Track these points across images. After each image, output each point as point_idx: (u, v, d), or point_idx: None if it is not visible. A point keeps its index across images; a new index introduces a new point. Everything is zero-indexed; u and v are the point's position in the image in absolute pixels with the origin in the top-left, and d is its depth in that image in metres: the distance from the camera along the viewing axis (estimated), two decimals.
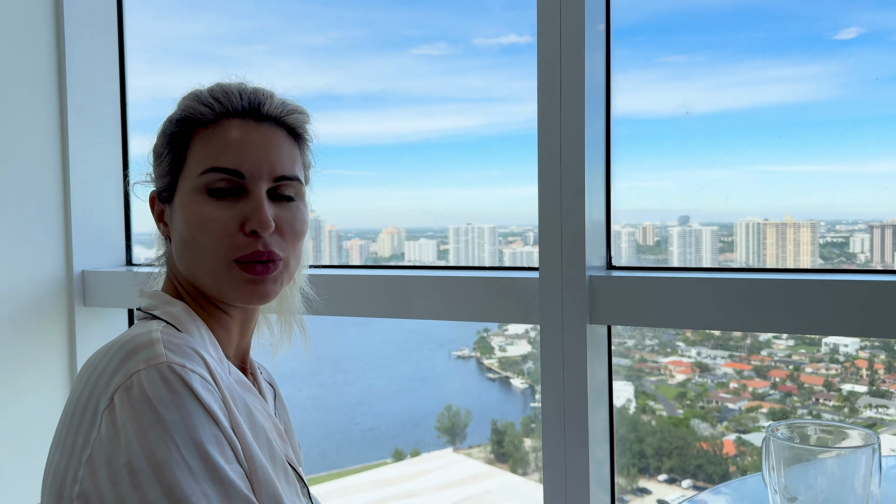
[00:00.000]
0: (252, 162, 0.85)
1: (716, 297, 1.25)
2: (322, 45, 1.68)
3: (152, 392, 0.72)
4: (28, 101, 1.64)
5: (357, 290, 1.52)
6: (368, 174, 1.78)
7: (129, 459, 0.69)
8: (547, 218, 1.34)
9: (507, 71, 1.61)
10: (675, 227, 1.57)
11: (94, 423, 0.73)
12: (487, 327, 1.95)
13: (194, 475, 0.70)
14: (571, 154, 1.31)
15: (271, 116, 0.89)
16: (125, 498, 0.68)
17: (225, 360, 0.87)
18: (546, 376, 1.35)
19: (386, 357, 1.99)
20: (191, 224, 0.85)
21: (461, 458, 1.92)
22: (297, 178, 0.89)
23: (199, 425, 0.72)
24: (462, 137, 1.69)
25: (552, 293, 1.34)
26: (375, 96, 1.69)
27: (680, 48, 1.45)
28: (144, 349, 0.75)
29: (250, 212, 0.84)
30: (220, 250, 0.84)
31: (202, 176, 0.85)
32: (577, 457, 1.33)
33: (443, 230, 1.80)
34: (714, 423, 1.66)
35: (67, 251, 1.71)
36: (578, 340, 1.32)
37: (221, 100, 0.88)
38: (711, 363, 1.67)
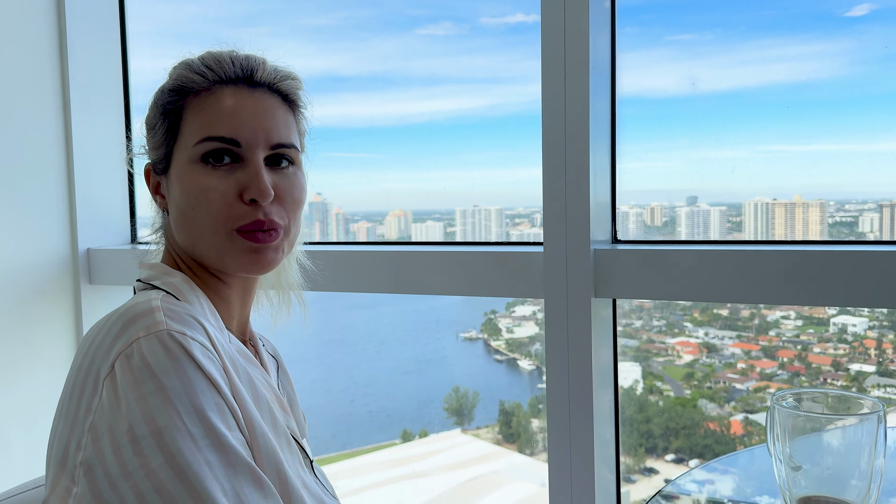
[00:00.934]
0: (248, 129, 0.84)
1: (722, 269, 1.24)
2: (326, 25, 1.66)
3: (152, 359, 0.71)
4: (31, 83, 1.64)
5: (363, 266, 1.52)
6: (374, 156, 1.78)
7: (131, 426, 0.69)
8: (551, 192, 1.33)
9: (513, 51, 1.60)
10: (683, 207, 1.56)
11: (95, 392, 0.73)
12: (495, 309, 1.95)
13: (196, 442, 0.70)
14: (575, 128, 1.30)
15: (264, 83, 0.87)
16: (127, 465, 0.69)
17: (225, 331, 0.87)
18: (551, 351, 1.35)
19: (394, 339, 2.00)
20: (188, 194, 0.84)
21: (469, 439, 1.93)
22: (293, 146, 0.88)
23: (200, 392, 0.72)
24: (469, 118, 1.68)
25: (556, 267, 1.33)
26: (381, 77, 1.68)
27: (688, 26, 1.43)
28: (144, 317, 0.75)
29: (248, 180, 0.84)
30: (220, 220, 0.83)
31: (198, 145, 0.84)
32: (582, 433, 1.33)
33: (450, 212, 1.80)
34: (722, 404, 1.66)
35: (72, 230, 1.73)
36: (583, 314, 1.31)
37: (214, 67, 0.86)
38: (719, 343, 1.66)
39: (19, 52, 1.61)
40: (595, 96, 1.31)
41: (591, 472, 1.33)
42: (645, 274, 1.29)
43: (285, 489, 0.78)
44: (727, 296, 1.26)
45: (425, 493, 1.96)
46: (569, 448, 1.34)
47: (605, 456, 1.37)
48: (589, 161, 1.30)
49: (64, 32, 1.69)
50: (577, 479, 1.34)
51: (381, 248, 1.53)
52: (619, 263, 1.31)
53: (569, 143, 1.31)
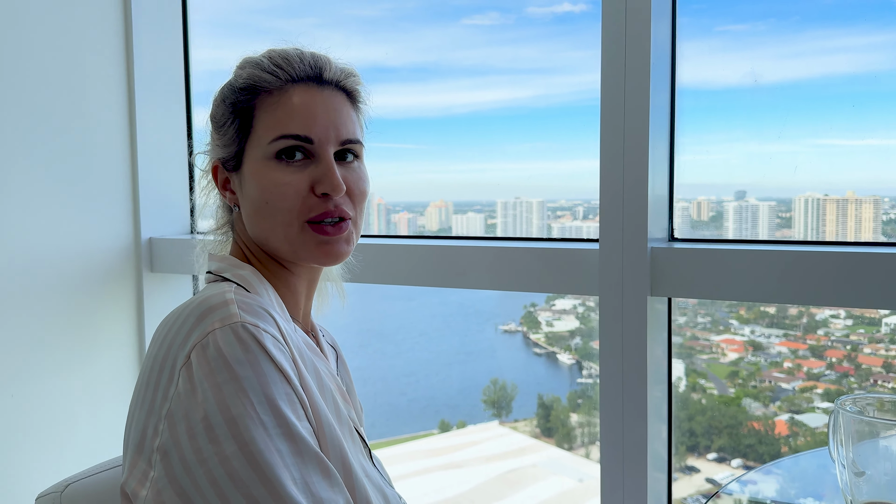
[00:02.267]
0: (320, 127, 0.87)
1: (780, 270, 1.21)
2: (374, 16, 1.67)
3: (227, 350, 0.74)
4: (98, 75, 1.69)
5: (413, 259, 1.52)
6: (417, 147, 1.78)
7: (206, 414, 0.72)
8: (609, 187, 1.31)
9: (560, 41, 1.58)
10: (731, 201, 1.53)
11: (171, 380, 0.76)
12: (535, 302, 1.94)
13: (267, 430, 0.72)
14: (635, 121, 1.27)
15: (331, 81, 0.91)
16: (202, 451, 0.71)
17: (291, 321, 0.89)
18: (605, 349, 1.33)
19: (433, 330, 2.00)
20: (264, 189, 0.87)
21: (507, 431, 1.93)
22: (358, 141, 0.91)
23: (272, 382, 0.74)
24: (513, 110, 1.67)
25: (612, 264, 1.31)
26: (426, 68, 1.68)
27: (742, 16, 1.39)
28: (219, 309, 0.77)
29: (321, 175, 0.87)
30: (293, 213, 0.86)
31: (272, 143, 0.87)
32: (635, 432, 1.31)
33: (491, 204, 1.79)
34: (766, 403, 1.63)
35: (136, 219, 1.78)
36: (639, 313, 1.29)
37: (284, 66, 0.89)
38: (765, 342, 1.63)
39: (87, 43, 1.66)
40: (655, 87, 1.28)
41: (643, 472, 1.31)
42: (702, 273, 1.26)
43: (349, 478, 0.80)
44: (786, 297, 1.22)
45: (462, 484, 1.97)
46: (621, 447, 1.33)
47: (656, 456, 1.36)
48: (648, 156, 1.27)
49: (130, 23, 1.73)
50: (630, 479, 1.32)
51: (432, 243, 1.53)
52: (676, 262, 1.28)
53: (627, 137, 1.28)
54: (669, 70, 1.34)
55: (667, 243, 1.34)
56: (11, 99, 1.51)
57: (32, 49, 1.54)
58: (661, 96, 1.31)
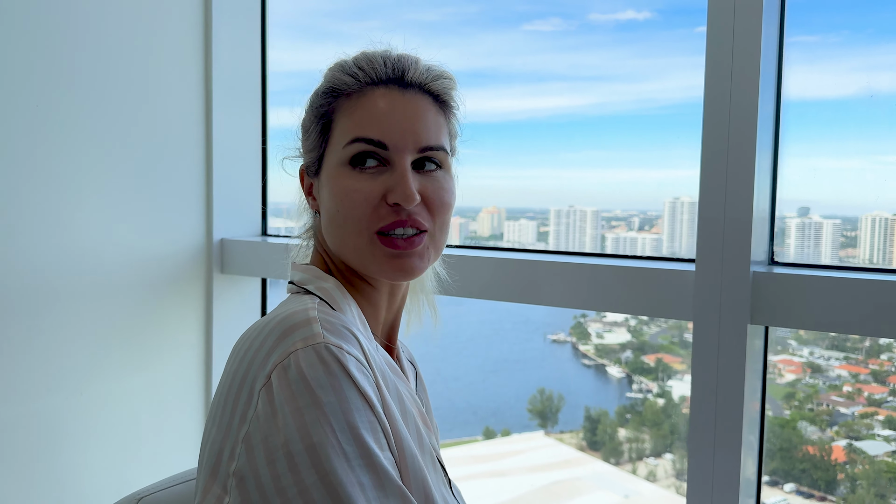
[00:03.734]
0: (397, 132, 0.82)
1: (890, 302, 1.12)
2: (435, 21, 1.68)
3: (310, 373, 0.71)
4: (176, 76, 1.70)
5: (491, 273, 1.46)
6: (472, 152, 1.78)
7: (286, 441, 0.69)
8: (709, 205, 1.22)
9: (623, 48, 1.56)
10: (794, 218, 1.48)
11: (250, 401, 0.72)
12: (585, 313, 1.92)
13: (349, 461, 0.69)
14: (741, 135, 1.19)
15: (416, 83, 0.85)
16: (281, 479, 0.68)
17: (374, 340, 0.85)
18: (698, 378, 1.25)
19: (481, 336, 2.00)
20: (335, 196, 0.83)
21: (552, 443, 1.91)
22: (442, 148, 0.85)
23: (356, 409, 0.71)
24: (570, 117, 1.65)
25: (710, 288, 1.22)
26: (484, 73, 1.68)
27: (815, 28, 1.36)
28: (302, 328, 0.74)
29: (394, 183, 0.81)
30: (363, 222, 0.82)
31: (346, 147, 0.83)
32: (726, 468, 1.23)
33: (544, 211, 1.78)
34: (823, 427, 1.58)
35: (208, 220, 1.78)
36: (738, 341, 1.20)
37: (365, 68, 0.85)
38: (824, 364, 1.58)
39: (167, 44, 1.68)
40: (763, 99, 1.20)
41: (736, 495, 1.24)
42: (806, 302, 1.18)
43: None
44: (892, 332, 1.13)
45: (506, 492, 1.95)
46: (711, 481, 1.25)
47: (746, 492, 1.27)
48: (754, 172, 1.19)
49: (210, 24, 1.74)
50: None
51: (513, 256, 1.47)
52: (778, 288, 1.19)
53: (732, 151, 1.20)
54: (776, 78, 1.26)
55: (767, 267, 1.26)
56: (91, 99, 1.54)
57: (112, 50, 1.57)
58: (768, 106, 1.23)
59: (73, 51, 1.50)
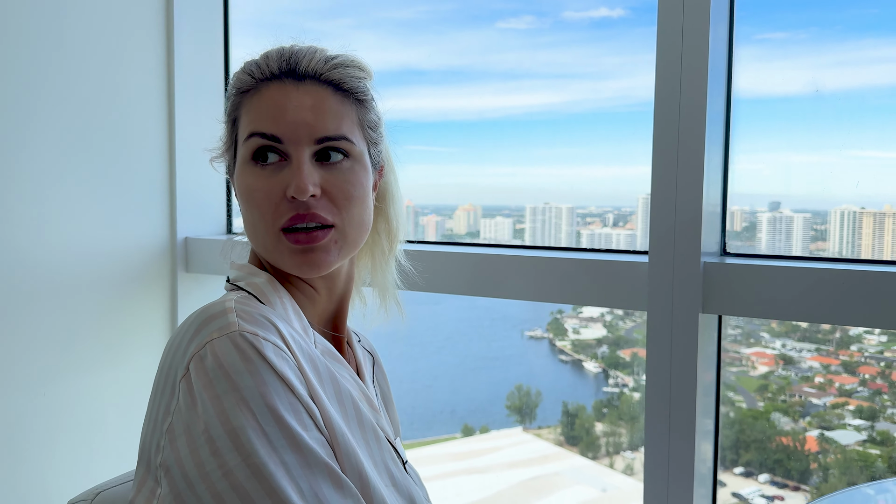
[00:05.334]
0: (288, 124, 0.81)
1: (841, 290, 1.15)
2: (409, 19, 1.67)
3: (226, 360, 0.72)
4: (138, 74, 1.69)
5: (455, 268, 1.48)
6: (447, 150, 1.78)
7: (207, 427, 0.70)
8: (660, 198, 1.25)
9: (596, 46, 1.57)
10: (765, 212, 1.50)
11: (173, 394, 0.74)
12: (562, 309, 1.93)
13: (271, 442, 0.70)
14: (690, 130, 1.22)
15: (310, 74, 0.83)
16: (205, 465, 0.69)
17: (310, 330, 0.86)
18: (652, 366, 1.28)
19: (459, 334, 2.00)
20: (241, 195, 0.84)
21: (530, 438, 1.91)
22: (343, 137, 0.83)
23: (274, 392, 0.72)
24: (545, 114, 1.66)
25: (662, 279, 1.25)
26: (459, 71, 1.68)
27: (781, 25, 1.38)
28: (217, 318, 0.75)
29: (291, 177, 0.80)
30: (267, 221, 0.82)
31: (245, 144, 0.83)
32: (681, 454, 1.26)
33: (519, 209, 1.78)
34: (796, 418, 1.60)
35: (172, 219, 1.78)
36: (689, 330, 1.24)
37: (260, 64, 0.85)
38: (796, 356, 1.60)
39: (128, 42, 1.66)
40: (712, 94, 1.22)
41: (689, 492, 1.26)
42: (757, 291, 1.21)
43: (366, 490, 0.77)
44: (847, 318, 1.16)
45: (485, 489, 1.96)
46: (666, 467, 1.28)
47: (701, 476, 1.31)
48: (703, 165, 1.21)
49: (171, 22, 1.73)
50: (674, 499, 1.28)
51: (473, 251, 1.49)
52: (730, 278, 1.22)
53: (682, 145, 1.23)
54: (726, 76, 1.28)
55: (719, 258, 1.29)
56: (52, 97, 1.52)
57: (73, 47, 1.55)
58: (717, 103, 1.26)
59: (34, 49, 1.47)
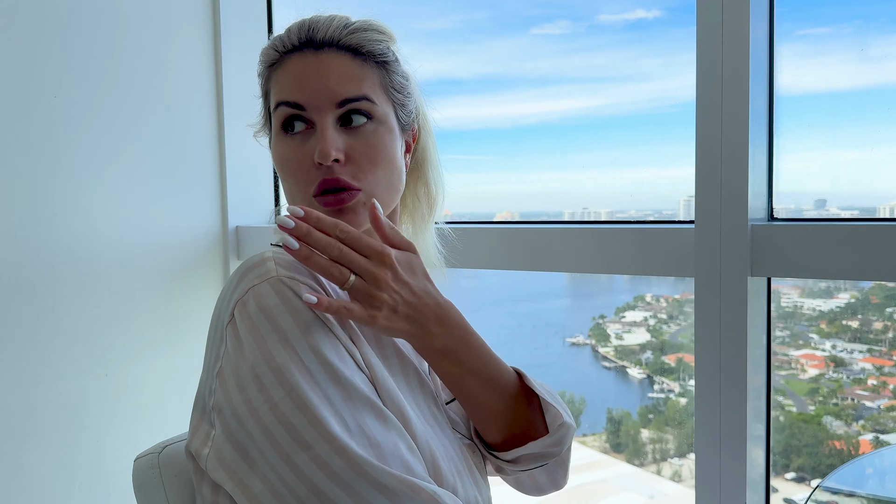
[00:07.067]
0: (309, 91, 0.84)
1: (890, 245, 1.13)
2: (443, 29, 1.68)
3: (267, 303, 0.75)
4: (188, 70, 1.77)
5: (498, 243, 1.49)
6: (484, 158, 1.78)
7: (252, 366, 0.73)
8: (705, 163, 1.25)
9: (633, 48, 1.55)
10: (811, 210, 1.47)
11: (221, 340, 0.78)
12: (603, 314, 1.91)
13: (314, 377, 0.72)
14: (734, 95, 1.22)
15: (328, 42, 0.86)
16: (252, 401, 0.72)
17: None
18: (700, 333, 1.27)
19: (500, 342, 1.99)
20: (276, 165, 0.89)
21: (575, 446, 1.89)
22: (364, 97, 0.85)
23: (315, 331, 0.75)
24: (582, 119, 1.65)
25: (709, 243, 1.25)
26: (494, 79, 1.68)
27: (823, 19, 1.35)
28: (257, 267, 0.79)
29: (316, 143, 0.84)
30: (300, 189, 0.86)
31: (274, 115, 0.88)
32: (733, 420, 1.25)
33: (558, 215, 1.77)
34: (849, 422, 1.56)
35: (223, 208, 1.86)
36: (738, 293, 1.23)
37: (283, 38, 0.89)
38: (848, 357, 1.56)
39: (178, 39, 1.74)
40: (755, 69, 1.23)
41: (742, 458, 1.26)
42: (806, 251, 1.20)
43: (408, 428, 0.78)
44: None
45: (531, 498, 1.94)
46: (718, 434, 1.27)
47: (756, 447, 1.30)
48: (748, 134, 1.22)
49: (218, 21, 1.81)
50: (727, 468, 1.27)
51: (517, 226, 1.51)
52: (777, 240, 1.22)
53: (725, 114, 1.23)
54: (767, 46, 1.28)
55: (766, 222, 1.28)
56: (108, 93, 1.59)
57: (127, 45, 1.63)
58: (760, 79, 1.26)
59: (91, 46, 1.56)
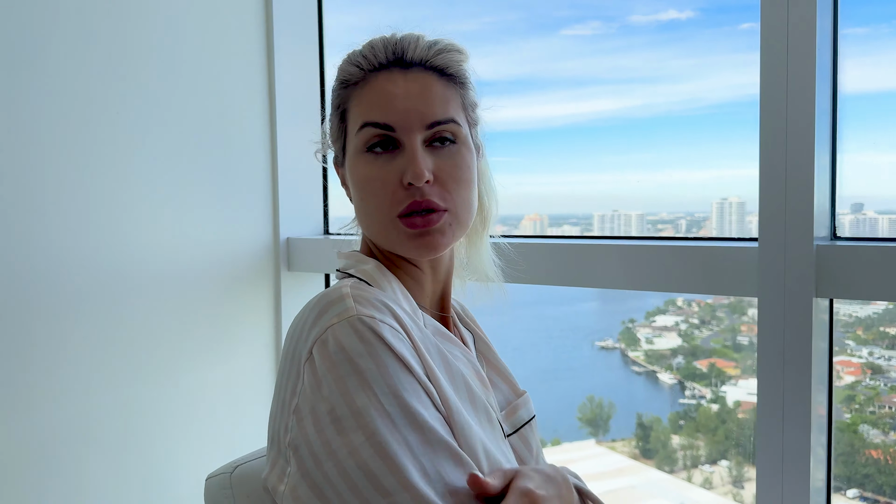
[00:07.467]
0: (399, 112, 0.84)
1: None
2: (473, 31, 1.68)
3: (346, 344, 0.75)
4: (242, 85, 1.81)
5: (551, 258, 1.48)
6: (513, 160, 1.78)
7: (332, 408, 0.73)
8: (770, 182, 1.22)
9: (664, 49, 1.54)
10: (847, 214, 1.45)
11: (298, 376, 0.77)
12: (633, 318, 1.89)
13: (393, 421, 0.72)
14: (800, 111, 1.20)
15: (417, 62, 0.86)
16: (331, 443, 0.72)
17: (419, 311, 0.88)
18: (764, 355, 1.25)
19: (528, 345, 1.98)
20: (357, 185, 0.87)
21: (604, 451, 1.88)
22: (452, 121, 0.85)
23: (394, 373, 0.74)
24: (612, 120, 1.64)
25: (774, 263, 1.23)
26: (524, 81, 1.68)
27: (863, 19, 1.33)
28: (336, 304, 0.78)
29: (406, 164, 0.83)
30: (384, 208, 0.85)
31: (358, 134, 0.86)
32: (797, 444, 1.23)
33: (587, 217, 1.76)
34: (886, 430, 1.53)
35: (275, 220, 1.89)
36: (803, 315, 1.21)
37: (367, 55, 0.87)
38: (885, 364, 1.53)
39: (232, 55, 1.78)
40: (820, 77, 1.21)
41: (805, 481, 1.23)
42: (872, 273, 1.17)
43: (480, 465, 0.78)
44: None
45: None
46: (780, 458, 1.25)
47: (818, 471, 1.28)
48: (814, 152, 1.19)
49: (271, 36, 1.84)
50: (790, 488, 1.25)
51: (573, 242, 1.49)
52: (844, 261, 1.19)
53: (790, 132, 1.21)
54: (831, 62, 1.25)
55: (830, 241, 1.26)
56: (166, 109, 1.63)
57: (183, 59, 1.66)
58: (824, 90, 1.23)
59: (150, 64, 1.60)
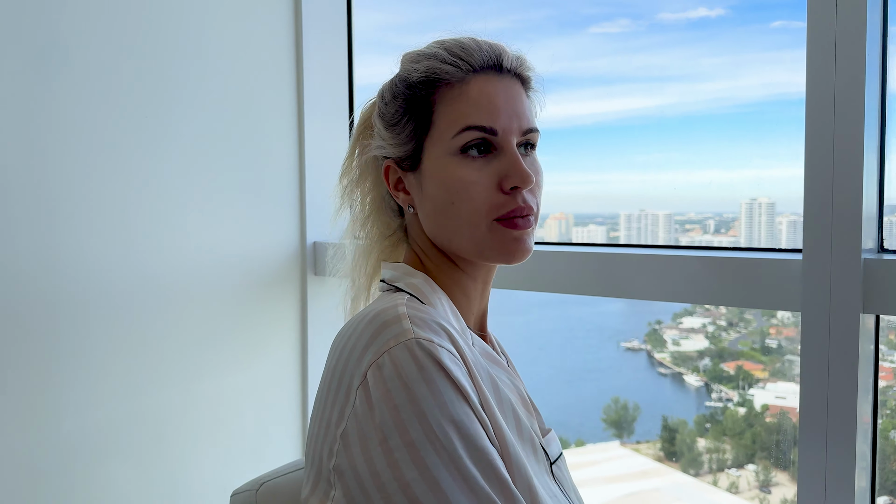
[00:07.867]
0: (504, 117, 0.83)
1: None
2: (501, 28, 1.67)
3: (403, 369, 0.71)
4: (271, 90, 1.81)
5: (590, 268, 1.46)
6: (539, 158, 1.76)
7: (385, 437, 0.70)
8: (815, 193, 1.19)
9: (694, 47, 1.52)
10: (892, 216, 1.41)
11: (348, 399, 0.74)
12: (660, 319, 1.87)
13: (449, 455, 0.69)
14: (847, 125, 1.16)
15: (509, 69, 0.87)
16: (381, 475, 0.69)
17: (467, 331, 0.86)
18: (807, 371, 1.21)
19: (552, 345, 1.97)
20: (448, 189, 0.83)
21: (628, 453, 1.86)
22: (536, 129, 0.88)
23: (450, 403, 0.71)
24: (640, 119, 1.62)
25: (819, 276, 1.19)
26: (551, 79, 1.66)
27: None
28: (392, 325, 0.74)
29: (507, 168, 0.82)
30: (481, 212, 0.82)
31: (456, 137, 0.83)
32: (840, 462, 1.19)
33: (613, 216, 1.74)
34: None
35: (302, 224, 1.88)
36: (849, 331, 1.17)
37: (464, 56, 0.85)
38: None
39: (262, 60, 1.78)
40: (870, 86, 1.17)
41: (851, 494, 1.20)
42: None
43: (534, 501, 0.76)
44: None
45: None
46: (823, 477, 1.22)
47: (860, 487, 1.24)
48: (863, 162, 1.16)
49: (301, 42, 1.84)
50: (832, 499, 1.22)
51: (609, 251, 1.47)
52: (891, 275, 1.15)
53: (837, 141, 1.17)
54: (880, 67, 1.21)
55: (876, 254, 1.21)
56: (193, 113, 1.64)
57: (211, 60, 1.67)
58: (873, 95, 1.19)
59: (178, 66, 1.61)
